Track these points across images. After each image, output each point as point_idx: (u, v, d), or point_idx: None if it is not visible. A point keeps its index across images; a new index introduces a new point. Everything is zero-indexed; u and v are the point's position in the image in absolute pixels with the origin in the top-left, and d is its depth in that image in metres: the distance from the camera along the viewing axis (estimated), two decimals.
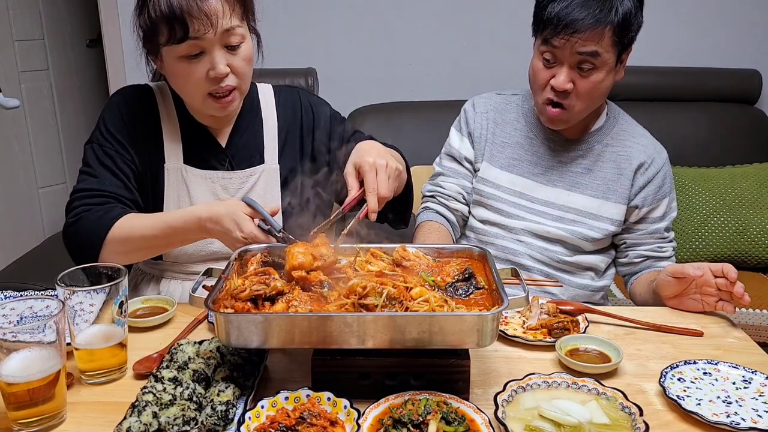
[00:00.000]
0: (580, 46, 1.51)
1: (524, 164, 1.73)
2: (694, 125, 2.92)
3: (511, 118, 1.78)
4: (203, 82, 1.39)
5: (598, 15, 1.49)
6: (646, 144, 1.71)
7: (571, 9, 1.50)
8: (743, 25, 3.12)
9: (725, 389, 1.13)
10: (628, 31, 1.54)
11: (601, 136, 1.70)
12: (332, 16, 3.12)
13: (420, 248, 1.29)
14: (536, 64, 1.62)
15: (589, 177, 1.69)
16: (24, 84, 3.61)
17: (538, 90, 1.64)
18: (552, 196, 1.71)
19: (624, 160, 1.68)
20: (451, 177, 1.83)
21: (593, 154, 1.70)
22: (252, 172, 1.55)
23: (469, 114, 1.83)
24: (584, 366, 1.16)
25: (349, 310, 1.05)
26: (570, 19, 1.49)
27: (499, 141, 1.77)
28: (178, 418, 0.96)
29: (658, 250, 1.70)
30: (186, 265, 1.54)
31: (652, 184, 1.68)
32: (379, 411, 1.01)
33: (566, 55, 1.54)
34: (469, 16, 3.12)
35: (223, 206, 1.29)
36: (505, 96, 1.84)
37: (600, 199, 1.68)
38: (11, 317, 1.21)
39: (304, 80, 2.89)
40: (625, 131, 1.72)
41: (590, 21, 1.49)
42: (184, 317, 1.37)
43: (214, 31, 1.33)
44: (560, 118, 1.62)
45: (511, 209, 1.73)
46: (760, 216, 2.69)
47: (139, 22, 1.38)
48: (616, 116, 1.73)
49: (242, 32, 1.39)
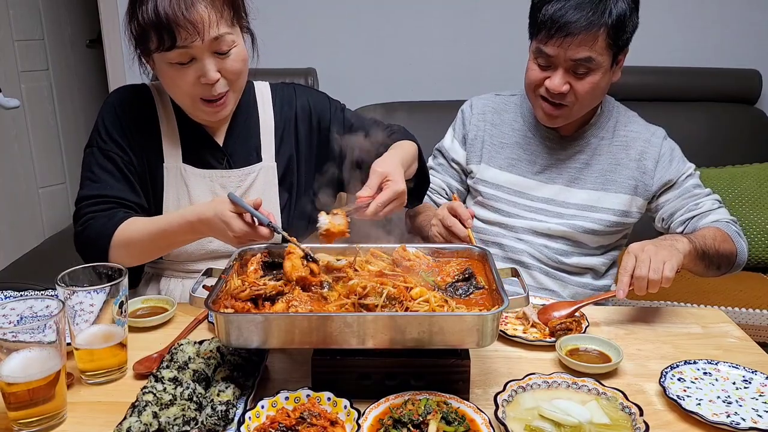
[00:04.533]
0: (574, 52, 1.52)
1: (523, 163, 1.75)
2: (694, 125, 2.92)
3: (509, 119, 1.79)
4: (194, 87, 1.39)
5: (592, 17, 1.49)
6: (638, 130, 1.72)
7: (564, 11, 1.50)
8: (743, 25, 3.12)
9: (725, 389, 1.13)
10: (623, 33, 1.54)
11: (597, 130, 1.71)
12: (332, 15, 3.12)
13: (420, 248, 1.29)
14: (531, 67, 1.62)
15: (587, 171, 1.70)
16: (24, 84, 3.61)
17: (533, 91, 1.64)
18: (551, 193, 1.72)
19: (620, 151, 1.70)
20: (438, 173, 1.87)
21: (590, 148, 1.71)
22: (250, 170, 1.55)
23: (466, 115, 1.85)
24: (584, 366, 1.16)
25: (349, 310, 1.05)
26: (563, 22, 1.50)
27: (497, 142, 1.78)
28: (178, 418, 0.96)
29: (695, 207, 1.65)
30: (186, 264, 1.54)
31: (662, 161, 1.68)
32: (380, 411, 1.01)
33: (560, 60, 1.54)
34: (469, 16, 3.12)
35: (209, 208, 1.28)
36: (503, 96, 1.85)
37: (599, 191, 1.69)
38: (11, 317, 1.21)
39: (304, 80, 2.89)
40: (618, 122, 1.73)
41: (583, 23, 1.49)
42: (184, 317, 1.37)
43: (202, 40, 1.32)
44: (558, 114, 1.62)
45: (511, 209, 1.74)
46: (760, 216, 2.69)
47: (131, 27, 1.37)
48: (610, 109, 1.74)
49: (232, 38, 1.38)
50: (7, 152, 3.57)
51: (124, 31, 1.41)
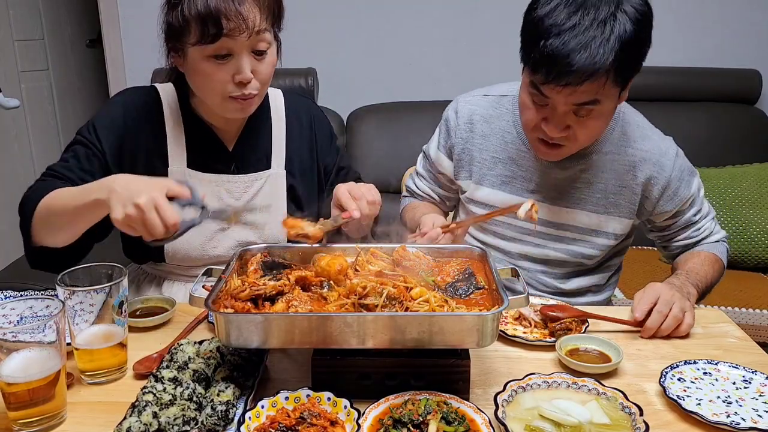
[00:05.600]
0: (576, 98, 1.32)
1: (518, 181, 1.58)
2: (694, 125, 2.93)
3: (500, 128, 1.59)
4: (227, 84, 1.37)
5: (597, 57, 1.25)
6: (649, 149, 1.53)
7: (565, 52, 1.25)
8: (743, 25, 3.12)
9: (725, 389, 1.13)
10: (635, 64, 1.34)
11: (601, 145, 1.52)
12: (332, 15, 3.12)
13: (420, 248, 1.29)
14: (525, 103, 1.42)
15: (589, 190, 1.54)
16: (24, 84, 3.61)
17: (527, 127, 1.46)
18: (550, 214, 1.56)
19: (626, 172, 1.53)
20: (425, 179, 1.78)
21: (593, 165, 1.53)
22: (258, 176, 1.55)
23: (451, 125, 1.65)
24: (584, 366, 1.16)
25: (349, 310, 1.05)
26: (564, 69, 1.26)
27: (489, 157, 1.60)
28: (178, 418, 0.96)
29: (695, 234, 1.61)
30: (190, 269, 1.55)
31: (668, 191, 1.53)
32: (380, 411, 1.01)
33: (560, 103, 1.34)
34: (469, 16, 3.12)
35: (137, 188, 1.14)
36: (493, 98, 1.63)
37: (602, 215, 1.55)
38: (11, 317, 1.21)
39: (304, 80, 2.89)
40: (626, 134, 1.54)
41: (588, 69, 1.26)
42: (184, 317, 1.37)
43: (249, 34, 1.32)
44: (557, 153, 1.46)
45: (506, 231, 1.62)
46: (760, 216, 2.69)
47: (169, 18, 1.35)
48: (616, 118, 1.53)
49: (270, 39, 1.39)
50: (7, 152, 3.57)
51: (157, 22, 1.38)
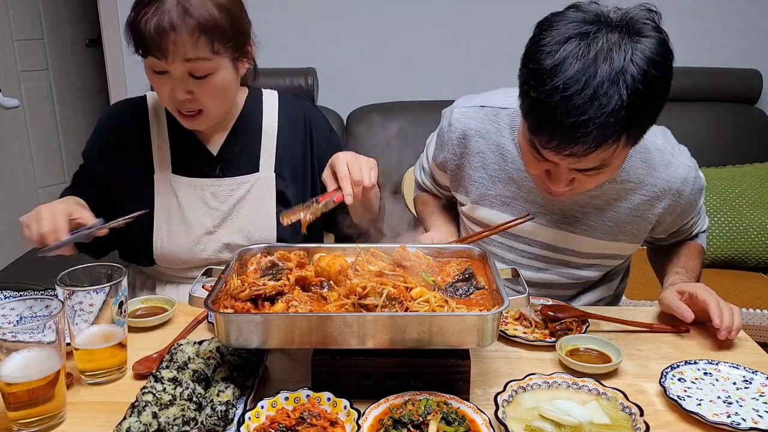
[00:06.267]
0: (581, 165, 1.18)
1: (519, 202, 1.47)
2: (694, 125, 2.93)
3: (497, 144, 1.46)
4: (168, 97, 1.40)
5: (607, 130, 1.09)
6: (671, 177, 1.38)
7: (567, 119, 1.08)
8: (743, 25, 3.12)
9: (726, 389, 1.13)
10: (651, 122, 1.20)
11: (617, 175, 1.36)
12: (332, 15, 3.12)
13: (420, 248, 1.29)
14: (527, 157, 1.28)
15: (599, 218, 1.42)
16: (24, 84, 3.61)
17: (528, 171, 1.35)
18: (554, 238, 1.46)
19: (644, 202, 1.40)
20: (427, 176, 1.71)
21: (606, 193, 1.40)
22: (244, 179, 1.54)
23: (444, 137, 1.53)
24: (584, 366, 1.16)
25: (349, 310, 1.05)
26: (568, 140, 1.11)
27: (486, 175, 1.48)
28: (177, 419, 0.96)
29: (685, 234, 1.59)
30: (181, 271, 1.55)
31: (680, 217, 1.47)
32: (380, 411, 1.01)
33: (563, 166, 1.21)
34: (469, 16, 3.12)
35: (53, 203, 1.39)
36: (491, 110, 1.48)
37: (610, 241, 1.45)
38: (11, 317, 1.21)
39: (303, 80, 2.89)
40: (646, 164, 1.38)
41: (593, 140, 1.10)
42: (184, 317, 1.37)
43: (181, 59, 1.32)
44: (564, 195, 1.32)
45: (506, 253, 1.52)
46: (760, 216, 2.69)
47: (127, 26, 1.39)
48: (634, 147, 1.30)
49: (211, 65, 1.35)
50: (7, 152, 3.57)
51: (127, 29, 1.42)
